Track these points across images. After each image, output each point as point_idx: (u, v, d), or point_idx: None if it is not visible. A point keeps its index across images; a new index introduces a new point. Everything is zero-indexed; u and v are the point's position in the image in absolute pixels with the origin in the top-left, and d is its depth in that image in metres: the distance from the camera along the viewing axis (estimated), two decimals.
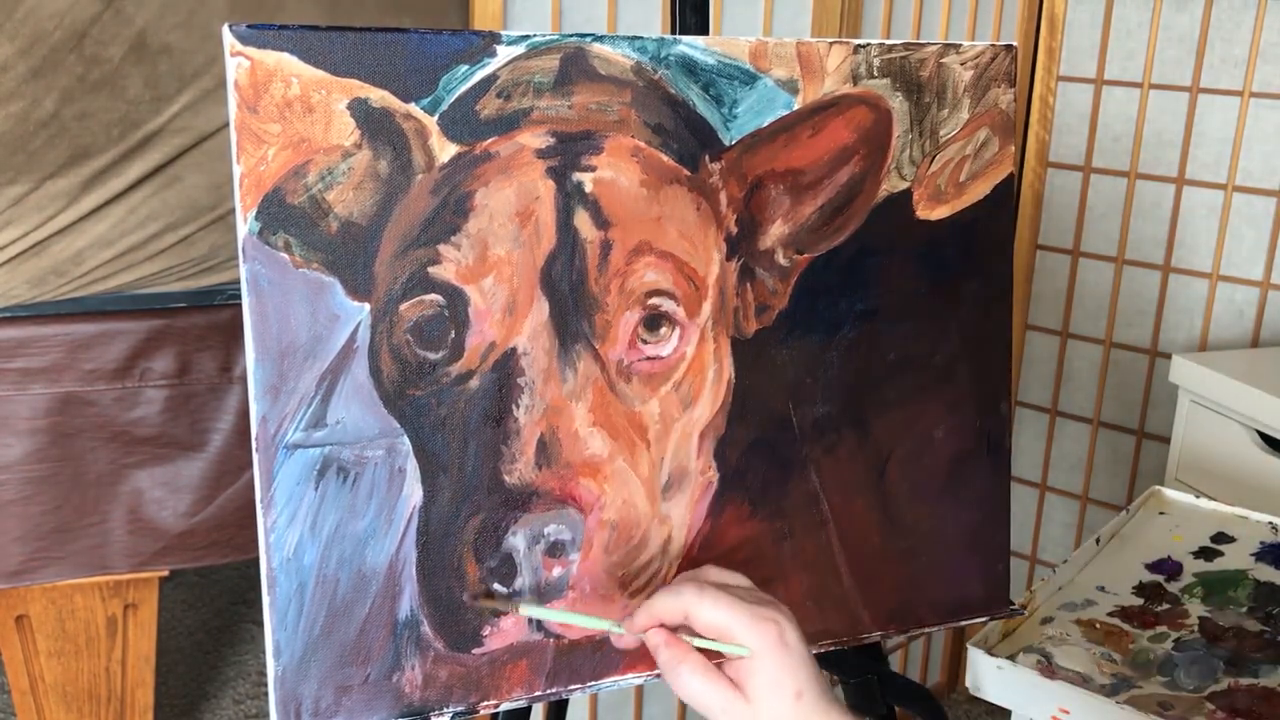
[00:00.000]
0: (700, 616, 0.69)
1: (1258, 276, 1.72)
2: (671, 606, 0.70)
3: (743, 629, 0.68)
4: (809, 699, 0.67)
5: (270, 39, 0.65)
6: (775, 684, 0.67)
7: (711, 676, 0.68)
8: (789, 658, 0.68)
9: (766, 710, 0.67)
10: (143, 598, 1.49)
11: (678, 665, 0.69)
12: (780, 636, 0.68)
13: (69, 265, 1.36)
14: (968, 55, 0.85)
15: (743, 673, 0.68)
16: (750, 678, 0.68)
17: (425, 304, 0.71)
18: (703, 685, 0.68)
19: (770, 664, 0.67)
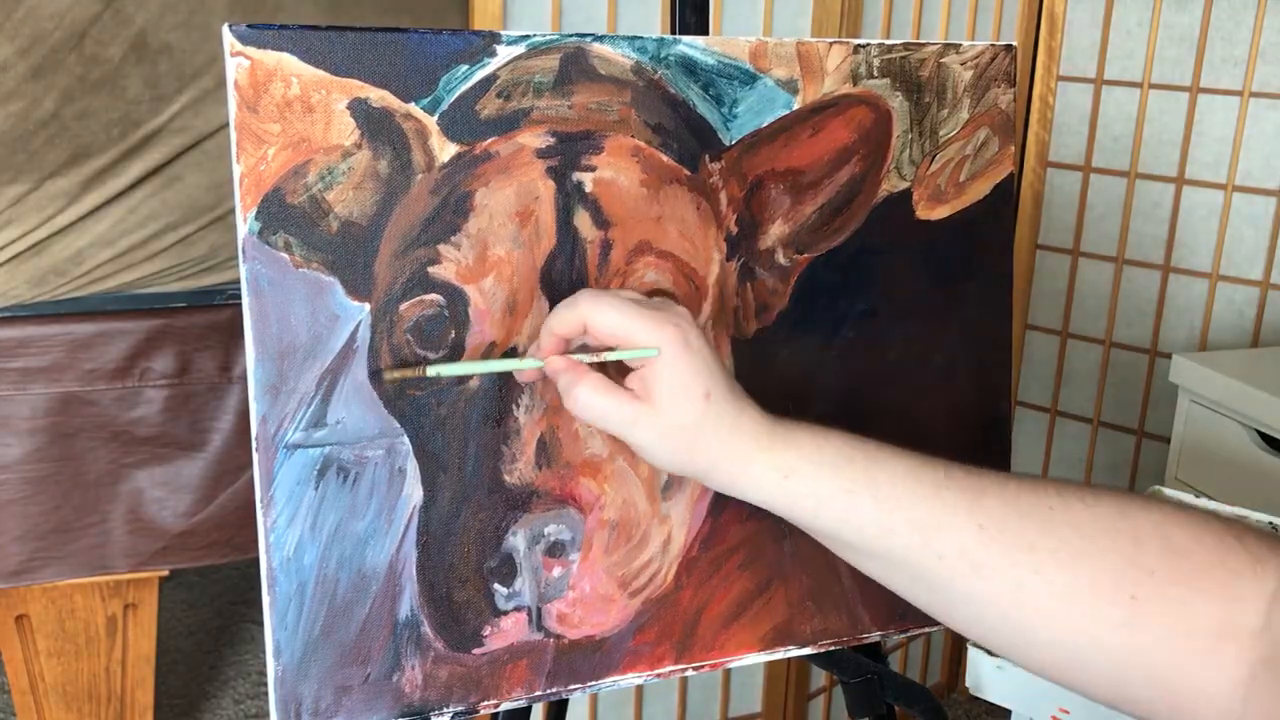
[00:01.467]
0: (598, 322, 0.66)
1: (1258, 276, 1.72)
2: (568, 317, 0.67)
3: (644, 331, 0.65)
4: (718, 398, 0.65)
5: (270, 39, 0.65)
6: (682, 386, 0.65)
7: (613, 391, 0.66)
8: (693, 359, 0.65)
9: (675, 413, 0.65)
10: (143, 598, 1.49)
11: (574, 386, 0.66)
12: (684, 338, 0.65)
13: (69, 265, 1.36)
14: (968, 55, 0.85)
15: (647, 381, 0.66)
16: (655, 384, 0.65)
17: (425, 304, 0.71)
18: (604, 400, 0.66)
19: (675, 366, 0.65)
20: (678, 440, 0.66)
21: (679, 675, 0.81)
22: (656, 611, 0.79)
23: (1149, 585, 0.56)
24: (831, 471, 0.64)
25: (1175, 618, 0.56)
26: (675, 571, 0.79)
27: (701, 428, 0.65)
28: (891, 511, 0.62)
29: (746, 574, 0.81)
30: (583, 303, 0.67)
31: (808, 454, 0.64)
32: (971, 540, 0.60)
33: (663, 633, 0.79)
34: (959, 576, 0.60)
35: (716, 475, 0.67)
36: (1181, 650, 0.55)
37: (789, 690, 1.73)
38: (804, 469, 0.64)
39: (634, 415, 0.65)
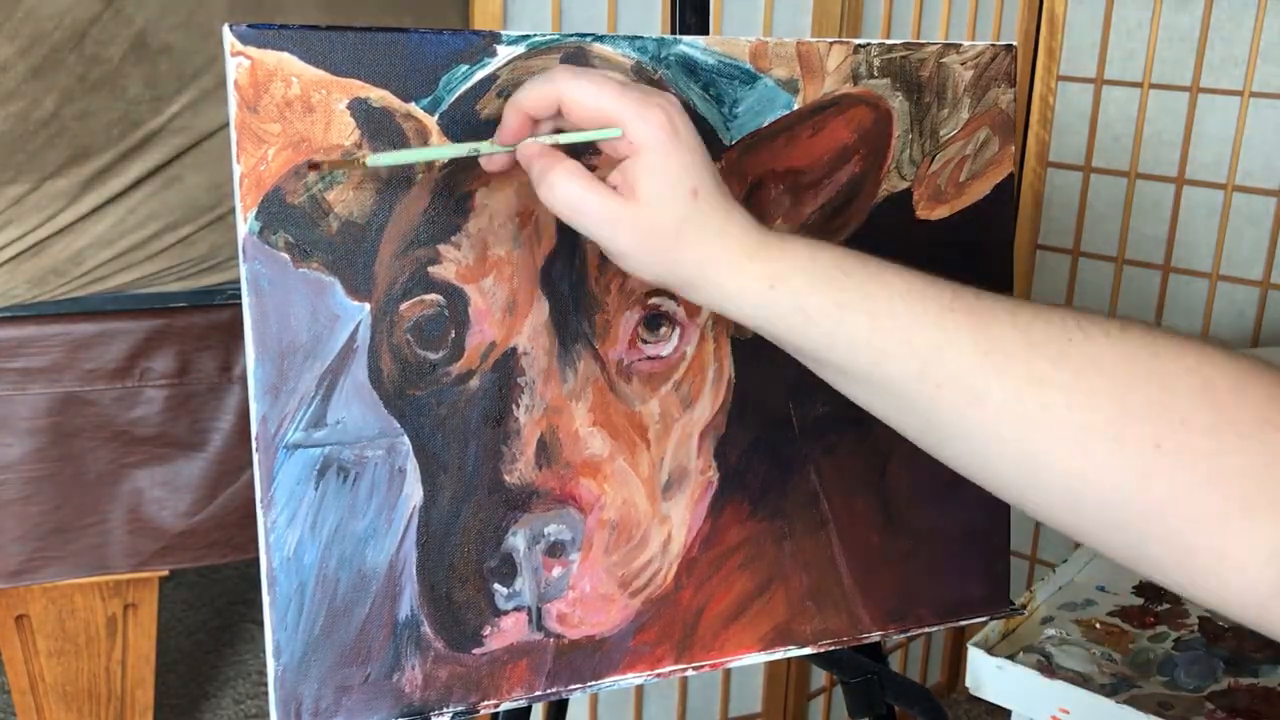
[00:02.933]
0: (577, 101, 0.59)
1: (1258, 276, 1.72)
2: (542, 92, 0.60)
3: (629, 115, 0.58)
4: (706, 196, 0.59)
5: (270, 39, 0.65)
6: (670, 180, 0.58)
7: (591, 183, 0.59)
8: (682, 150, 0.58)
9: (660, 211, 0.58)
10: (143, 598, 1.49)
11: (549, 172, 0.59)
12: (672, 125, 0.58)
13: (69, 265, 1.36)
14: (968, 55, 0.85)
15: (630, 172, 0.59)
16: (641, 176, 0.58)
17: (425, 304, 0.71)
18: (584, 191, 0.59)
19: (662, 158, 0.58)
20: (660, 243, 0.59)
21: (679, 675, 0.81)
22: (656, 611, 0.79)
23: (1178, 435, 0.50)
24: (824, 283, 0.57)
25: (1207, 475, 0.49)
26: (675, 571, 0.79)
27: (687, 229, 0.58)
28: (888, 332, 0.56)
29: (746, 574, 0.81)
30: (559, 77, 0.60)
31: (800, 264, 0.58)
32: (974, 368, 0.54)
33: (663, 633, 0.79)
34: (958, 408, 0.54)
35: (700, 285, 0.60)
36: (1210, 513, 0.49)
37: (789, 690, 1.73)
38: (794, 279, 0.57)
39: (615, 212, 0.59)
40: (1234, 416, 0.50)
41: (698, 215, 0.58)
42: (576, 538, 0.76)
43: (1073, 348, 0.53)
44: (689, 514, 0.79)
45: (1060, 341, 0.53)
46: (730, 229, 0.59)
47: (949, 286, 0.57)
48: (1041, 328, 0.54)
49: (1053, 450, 0.52)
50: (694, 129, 0.60)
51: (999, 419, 0.53)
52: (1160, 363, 0.51)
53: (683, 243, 0.59)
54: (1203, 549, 0.50)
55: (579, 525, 0.76)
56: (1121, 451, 0.51)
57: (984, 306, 0.55)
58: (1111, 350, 0.52)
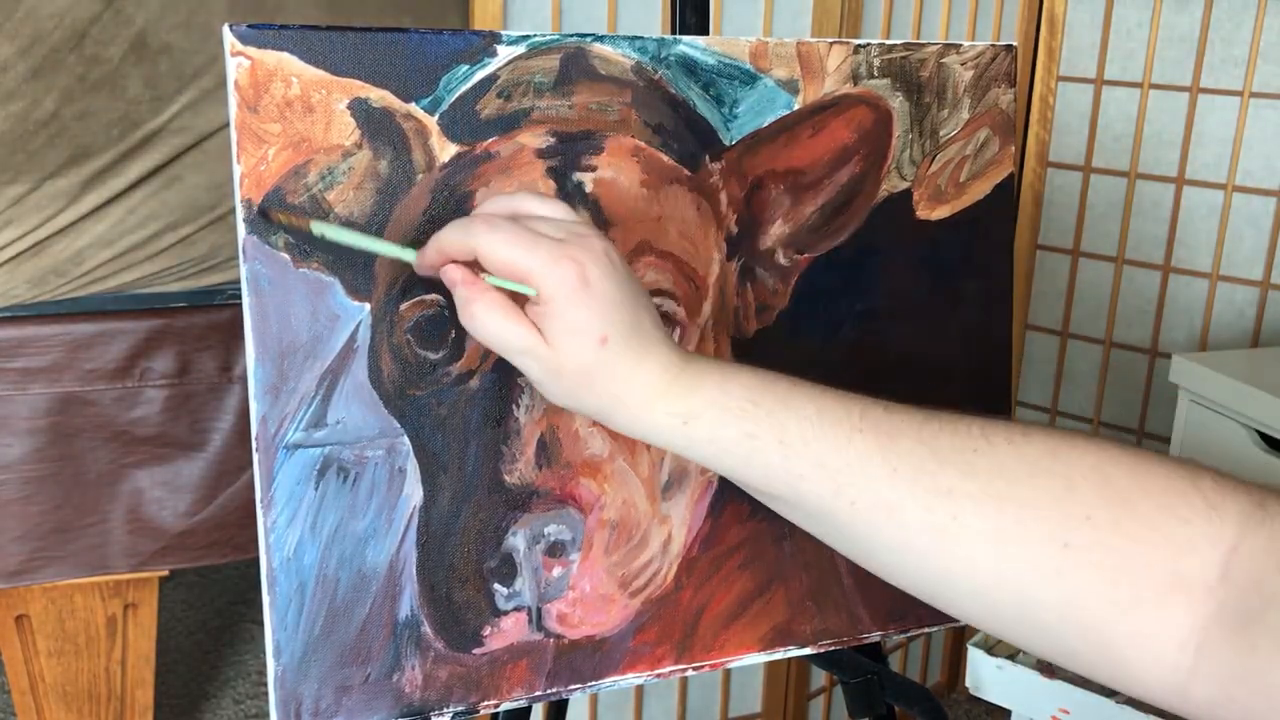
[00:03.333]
0: (490, 255, 0.61)
1: (1258, 276, 1.72)
2: (458, 242, 0.62)
3: (538, 269, 0.60)
4: (616, 344, 0.60)
5: (270, 39, 0.65)
6: (576, 329, 0.60)
7: (511, 316, 0.61)
8: (591, 301, 0.60)
9: (566, 356, 0.60)
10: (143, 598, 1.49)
11: (470, 304, 0.61)
12: (580, 277, 0.60)
13: (69, 265, 1.36)
14: (968, 55, 0.85)
15: (543, 317, 0.61)
16: (549, 322, 0.60)
17: (425, 303, 0.71)
18: (500, 325, 0.61)
19: (569, 308, 0.60)
20: (569, 381, 0.61)
21: (679, 675, 0.81)
22: (657, 611, 0.79)
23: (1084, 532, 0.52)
24: (735, 417, 0.60)
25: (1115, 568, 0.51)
26: (675, 571, 0.79)
27: (595, 372, 0.61)
28: (800, 457, 0.58)
29: (746, 574, 0.81)
30: (476, 230, 0.62)
31: (711, 398, 0.60)
32: (885, 486, 0.56)
33: (663, 633, 0.79)
34: (874, 523, 0.57)
35: (613, 419, 0.63)
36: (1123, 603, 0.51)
37: (789, 690, 1.73)
38: (706, 414, 0.60)
39: (529, 345, 0.61)
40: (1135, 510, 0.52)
41: (605, 362, 0.61)
42: (576, 538, 0.76)
43: (978, 458, 0.55)
44: (689, 514, 0.79)
45: (966, 452, 0.55)
46: (640, 372, 0.61)
47: (857, 404, 0.59)
48: (948, 439, 0.56)
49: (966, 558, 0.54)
50: (617, 271, 0.61)
51: (913, 531, 0.56)
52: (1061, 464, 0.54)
53: (589, 385, 0.61)
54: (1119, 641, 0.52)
55: (579, 525, 0.76)
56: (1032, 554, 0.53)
57: (892, 423, 0.58)
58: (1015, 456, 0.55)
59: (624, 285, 0.62)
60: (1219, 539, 0.50)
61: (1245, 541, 0.50)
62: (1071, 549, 0.52)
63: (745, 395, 0.60)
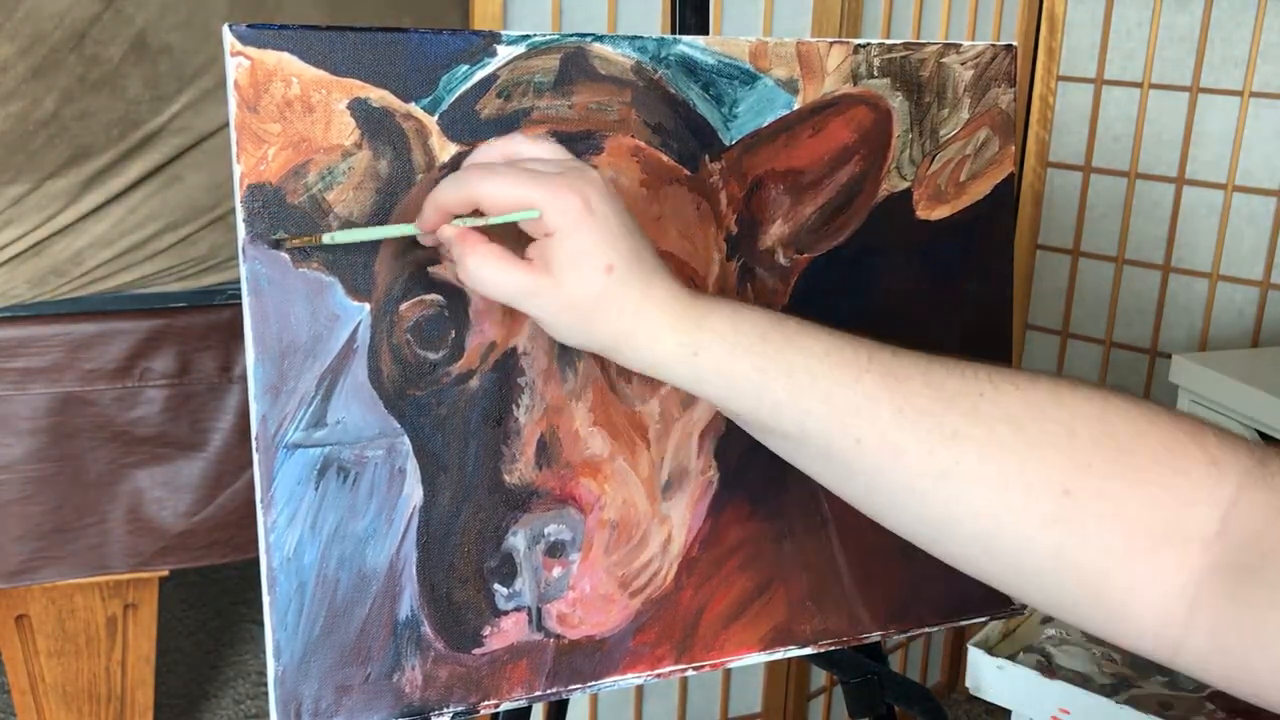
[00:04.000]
0: (491, 198, 0.61)
1: (1258, 276, 1.72)
2: (455, 194, 0.63)
3: (542, 201, 0.60)
4: (622, 272, 0.61)
5: (270, 39, 0.65)
6: (581, 257, 0.60)
7: (508, 261, 0.61)
8: (596, 228, 0.60)
9: (574, 287, 0.60)
10: (143, 598, 1.49)
11: (466, 257, 0.62)
12: (585, 205, 0.60)
13: (69, 265, 1.35)
14: (968, 55, 0.85)
15: (544, 251, 0.61)
16: (552, 254, 0.60)
17: (425, 304, 0.71)
18: (497, 272, 0.61)
19: (574, 237, 0.60)
20: (577, 315, 0.61)
21: (679, 675, 0.81)
22: (657, 611, 0.79)
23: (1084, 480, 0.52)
24: (744, 351, 0.59)
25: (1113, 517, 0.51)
26: (675, 571, 0.79)
27: (603, 302, 0.61)
28: (806, 395, 0.58)
29: (746, 574, 0.81)
30: (472, 179, 0.62)
31: (721, 332, 0.60)
32: (890, 426, 0.56)
33: (663, 633, 0.79)
34: (877, 464, 0.57)
35: (623, 353, 0.62)
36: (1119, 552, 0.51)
37: (789, 690, 1.73)
38: (714, 347, 0.60)
39: (531, 287, 0.61)
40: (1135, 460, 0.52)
41: (614, 289, 0.61)
42: (576, 538, 0.76)
43: (983, 402, 0.55)
44: (689, 514, 0.79)
45: (972, 396, 0.55)
46: (649, 301, 0.61)
47: (865, 346, 0.59)
48: (955, 383, 0.56)
49: (967, 501, 0.55)
50: (615, 203, 0.62)
51: (915, 473, 0.56)
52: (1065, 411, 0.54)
53: (600, 315, 0.61)
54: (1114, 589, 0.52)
55: (579, 525, 0.76)
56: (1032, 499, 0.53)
57: (899, 365, 0.58)
58: (1020, 401, 0.55)
59: (625, 216, 0.62)
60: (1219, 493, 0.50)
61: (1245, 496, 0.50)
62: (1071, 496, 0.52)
63: (755, 331, 0.60)
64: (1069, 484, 0.52)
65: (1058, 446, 0.53)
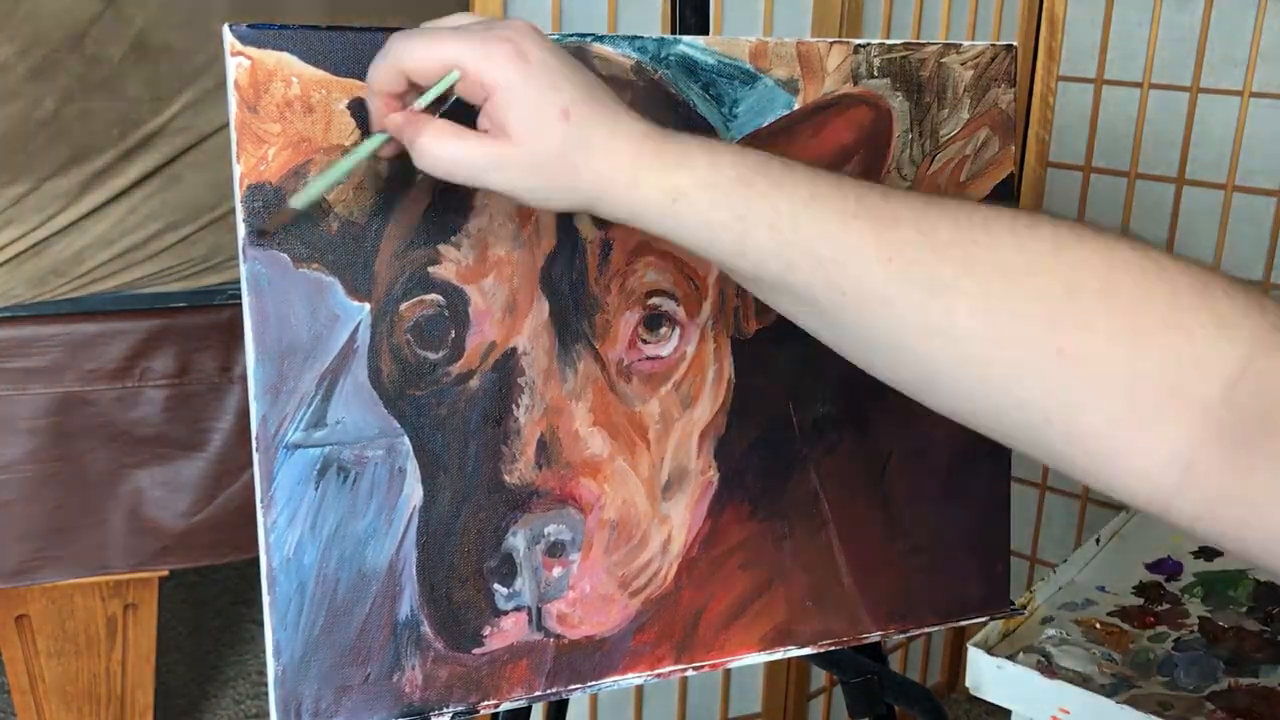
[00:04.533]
0: (417, 64, 0.58)
1: (1258, 276, 1.72)
2: (383, 69, 0.59)
3: (471, 57, 0.56)
4: (580, 115, 0.56)
5: (270, 39, 0.65)
6: (531, 108, 0.56)
7: (460, 135, 0.57)
8: (537, 73, 0.56)
9: (533, 143, 0.56)
10: (143, 598, 1.49)
11: (417, 138, 0.58)
12: (518, 52, 0.56)
13: (69, 265, 1.35)
14: (968, 55, 0.85)
15: (494, 114, 0.57)
16: (504, 113, 0.56)
17: (425, 304, 0.71)
18: (452, 146, 0.57)
19: (518, 90, 0.56)
20: (545, 173, 0.57)
21: (679, 675, 0.81)
22: (656, 611, 0.79)
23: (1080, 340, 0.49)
24: (724, 196, 0.55)
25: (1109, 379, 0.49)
26: (675, 571, 0.79)
27: (569, 151, 0.56)
28: (791, 245, 0.54)
29: (746, 574, 0.81)
30: (393, 47, 0.58)
31: (700, 175, 0.56)
32: (878, 275, 0.53)
33: (663, 633, 0.79)
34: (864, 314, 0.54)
35: (602, 201, 0.58)
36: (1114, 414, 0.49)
37: (789, 690, 1.73)
38: (694, 193, 0.56)
39: (489, 156, 0.57)
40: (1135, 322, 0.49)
41: (576, 137, 0.56)
42: (576, 538, 0.76)
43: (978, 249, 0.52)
44: (689, 514, 0.79)
45: (965, 244, 0.52)
46: (617, 141, 0.57)
47: (853, 189, 0.55)
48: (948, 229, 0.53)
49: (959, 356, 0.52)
50: (552, 50, 0.58)
51: (904, 326, 0.53)
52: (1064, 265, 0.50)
53: (570, 167, 0.57)
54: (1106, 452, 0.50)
55: (579, 525, 0.76)
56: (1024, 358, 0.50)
57: (889, 210, 0.54)
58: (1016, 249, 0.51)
59: (564, 57, 0.58)
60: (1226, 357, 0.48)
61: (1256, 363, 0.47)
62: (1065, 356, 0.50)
63: (736, 175, 0.56)
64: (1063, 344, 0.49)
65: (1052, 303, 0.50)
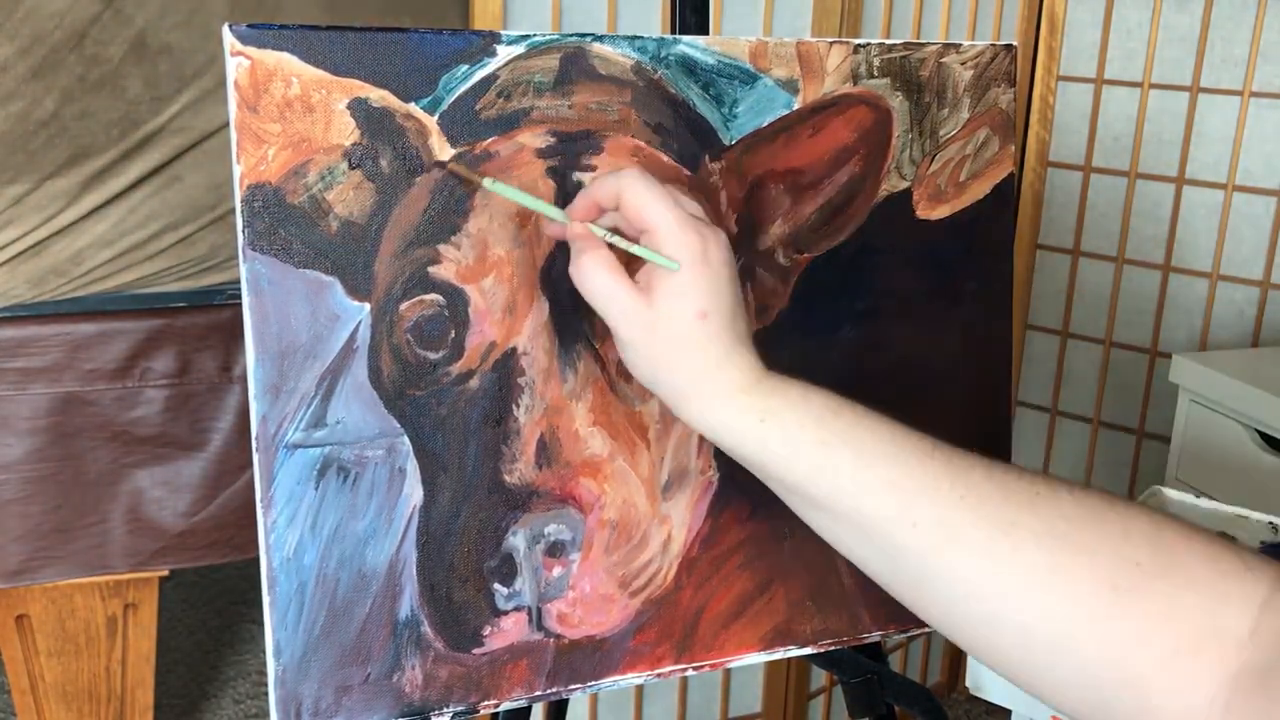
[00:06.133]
0: (629, 201, 0.64)
1: (1258, 276, 1.72)
2: (606, 185, 0.66)
3: (668, 231, 0.63)
4: (716, 323, 0.63)
5: (270, 39, 0.65)
6: (681, 295, 0.62)
7: (618, 275, 0.64)
8: (705, 274, 0.63)
9: (666, 322, 0.63)
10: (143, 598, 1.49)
11: (583, 254, 0.64)
12: (703, 250, 0.63)
13: (69, 265, 1.36)
14: (968, 55, 0.85)
15: (651, 279, 0.63)
16: (659, 284, 0.63)
17: (425, 304, 0.71)
18: (607, 281, 0.63)
19: (683, 275, 0.62)
20: (661, 350, 0.63)
21: (679, 675, 0.81)
22: (656, 611, 0.79)
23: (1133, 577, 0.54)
24: (814, 422, 0.61)
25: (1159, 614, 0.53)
26: (675, 571, 0.79)
27: (688, 346, 0.63)
28: (871, 470, 0.59)
29: (746, 574, 0.81)
30: (626, 178, 0.65)
31: (792, 401, 0.62)
32: (951, 510, 0.57)
33: (663, 633, 0.79)
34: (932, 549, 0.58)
35: (690, 404, 0.64)
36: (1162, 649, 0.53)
37: (789, 690, 1.73)
38: (784, 414, 0.61)
39: (630, 308, 0.63)
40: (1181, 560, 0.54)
41: (701, 337, 0.63)
42: (576, 538, 0.76)
43: (1040, 498, 0.57)
44: (689, 514, 0.79)
45: (1029, 493, 0.58)
46: (731, 360, 0.63)
47: (930, 439, 0.61)
48: (1014, 481, 0.58)
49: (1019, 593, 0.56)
50: (732, 270, 0.64)
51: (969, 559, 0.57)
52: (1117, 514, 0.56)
53: (680, 358, 0.63)
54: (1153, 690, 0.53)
55: (579, 525, 0.76)
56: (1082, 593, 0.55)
57: (960, 457, 0.60)
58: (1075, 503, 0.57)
59: (733, 281, 0.64)
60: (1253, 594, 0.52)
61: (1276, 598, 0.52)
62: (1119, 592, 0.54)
63: (825, 405, 0.62)
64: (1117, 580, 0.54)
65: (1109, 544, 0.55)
